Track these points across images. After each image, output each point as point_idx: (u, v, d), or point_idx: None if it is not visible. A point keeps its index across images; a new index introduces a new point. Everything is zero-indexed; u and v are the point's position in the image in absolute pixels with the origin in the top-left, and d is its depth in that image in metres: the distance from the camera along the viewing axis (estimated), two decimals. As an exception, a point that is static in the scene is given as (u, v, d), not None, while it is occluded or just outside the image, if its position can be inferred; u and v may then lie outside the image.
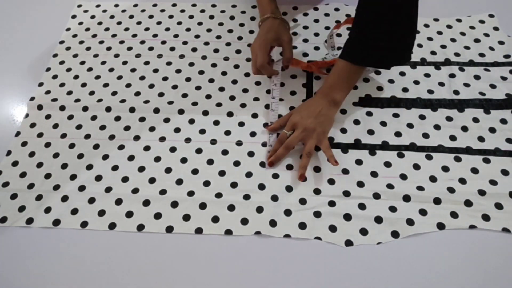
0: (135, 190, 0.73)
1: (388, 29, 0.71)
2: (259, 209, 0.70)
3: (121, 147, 0.79)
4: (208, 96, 0.86)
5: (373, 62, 0.76)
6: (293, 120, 0.76)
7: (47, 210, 0.71)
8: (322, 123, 0.75)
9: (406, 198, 0.71)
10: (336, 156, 0.76)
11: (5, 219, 0.71)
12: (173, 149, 0.78)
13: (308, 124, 0.74)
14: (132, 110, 0.84)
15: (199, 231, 0.68)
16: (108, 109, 0.84)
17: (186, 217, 0.70)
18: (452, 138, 0.78)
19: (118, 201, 0.72)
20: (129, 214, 0.70)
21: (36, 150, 0.79)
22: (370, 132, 0.79)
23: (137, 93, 0.87)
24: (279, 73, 0.85)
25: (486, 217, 0.68)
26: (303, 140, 0.75)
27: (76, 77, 0.90)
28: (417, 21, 0.73)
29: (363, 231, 0.68)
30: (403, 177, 0.73)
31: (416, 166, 0.75)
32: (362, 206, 0.70)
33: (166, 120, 0.82)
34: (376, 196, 0.71)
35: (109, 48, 0.96)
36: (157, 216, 0.70)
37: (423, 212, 0.69)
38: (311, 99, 0.79)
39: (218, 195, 0.72)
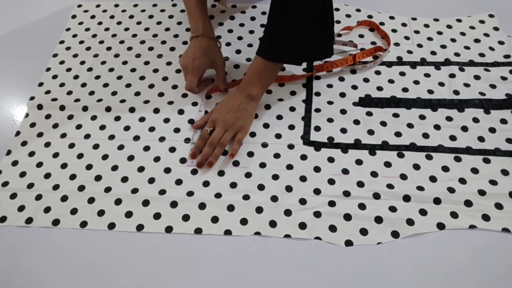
0: (135, 190, 0.73)
1: (297, 27, 0.74)
2: (259, 210, 0.70)
3: (120, 147, 0.79)
4: (208, 97, 0.86)
5: (284, 59, 0.79)
6: (213, 117, 0.78)
7: (47, 209, 0.71)
8: (241, 117, 0.78)
9: (406, 198, 0.71)
10: (336, 156, 0.76)
11: (5, 218, 0.71)
12: (172, 149, 0.78)
13: (227, 119, 0.77)
14: (132, 110, 0.84)
15: (198, 231, 0.68)
16: (108, 109, 0.84)
17: (186, 217, 0.70)
18: (452, 138, 0.78)
19: (118, 201, 0.72)
20: (129, 214, 0.70)
21: (36, 149, 0.79)
22: (370, 132, 0.79)
23: (137, 93, 0.87)
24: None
25: (486, 217, 0.68)
26: (225, 134, 0.77)
27: (76, 77, 0.90)
28: (333, 21, 0.78)
29: (363, 231, 0.68)
30: (403, 177, 0.73)
31: (416, 166, 0.74)
32: (362, 206, 0.70)
33: (166, 120, 0.82)
34: (376, 196, 0.71)
35: (109, 48, 0.96)
36: (157, 216, 0.70)
37: (423, 212, 0.69)
38: (230, 95, 0.81)
39: (218, 195, 0.72)
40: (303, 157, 0.76)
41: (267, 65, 0.79)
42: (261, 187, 0.73)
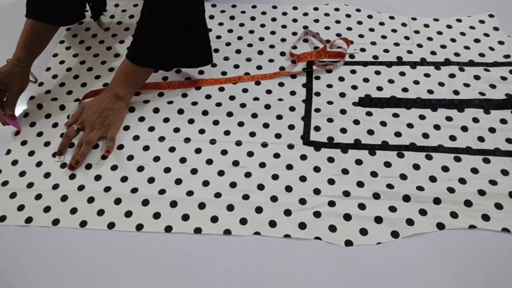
0: (134, 190, 0.73)
1: (162, 34, 0.78)
2: (258, 210, 0.70)
3: (120, 146, 0.79)
4: (208, 96, 0.86)
5: (149, 63, 0.82)
6: (82, 118, 0.80)
7: (47, 209, 0.71)
8: (108, 116, 0.79)
9: (406, 198, 0.71)
10: (336, 156, 0.76)
11: (4, 218, 0.71)
12: (172, 149, 0.78)
13: (94, 120, 0.79)
14: (131, 110, 0.84)
15: (198, 231, 0.68)
16: (108, 108, 0.84)
17: (185, 217, 0.70)
18: (452, 138, 0.78)
19: (117, 201, 0.72)
20: (128, 214, 0.70)
21: (35, 149, 0.79)
22: (370, 132, 0.79)
23: (137, 93, 0.87)
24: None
25: (486, 217, 0.68)
26: (92, 133, 0.78)
27: (76, 76, 0.90)
28: (206, 29, 0.82)
29: (363, 231, 0.68)
30: (403, 177, 0.73)
31: (416, 166, 0.74)
32: (362, 206, 0.70)
33: (166, 120, 0.82)
34: (376, 196, 0.71)
35: (109, 48, 0.96)
36: (156, 215, 0.70)
37: (423, 212, 0.69)
38: (99, 95, 0.83)
39: (217, 195, 0.72)
40: (303, 157, 0.76)
41: (134, 68, 0.80)
42: (260, 187, 0.73)
